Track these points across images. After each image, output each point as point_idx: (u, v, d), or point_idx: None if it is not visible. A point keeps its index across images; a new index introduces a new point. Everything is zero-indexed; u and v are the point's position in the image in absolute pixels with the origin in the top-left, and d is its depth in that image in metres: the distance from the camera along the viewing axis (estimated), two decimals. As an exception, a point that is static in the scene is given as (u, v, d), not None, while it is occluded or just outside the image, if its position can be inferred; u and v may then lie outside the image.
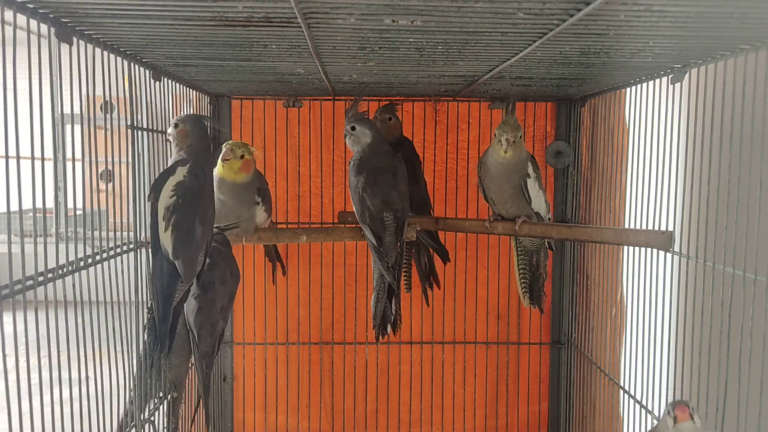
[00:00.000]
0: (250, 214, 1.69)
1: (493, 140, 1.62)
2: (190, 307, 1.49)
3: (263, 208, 1.72)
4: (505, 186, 1.63)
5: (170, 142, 1.53)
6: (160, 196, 1.31)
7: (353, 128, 1.67)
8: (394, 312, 1.71)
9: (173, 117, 1.55)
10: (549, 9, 0.88)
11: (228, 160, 1.59)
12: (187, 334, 1.51)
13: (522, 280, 1.80)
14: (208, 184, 1.43)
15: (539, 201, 1.67)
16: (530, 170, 1.63)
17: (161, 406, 1.49)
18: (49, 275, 1.04)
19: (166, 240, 1.29)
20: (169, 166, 1.37)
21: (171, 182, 1.32)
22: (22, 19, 0.92)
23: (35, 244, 1.00)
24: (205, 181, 1.39)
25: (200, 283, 1.45)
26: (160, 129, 1.54)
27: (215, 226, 1.56)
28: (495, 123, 2.05)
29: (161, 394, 1.49)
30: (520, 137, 1.58)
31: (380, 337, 1.73)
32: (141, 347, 1.41)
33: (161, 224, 1.30)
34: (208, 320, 1.48)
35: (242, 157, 1.61)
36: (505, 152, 1.57)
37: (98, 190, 1.35)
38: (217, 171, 1.61)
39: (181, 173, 1.34)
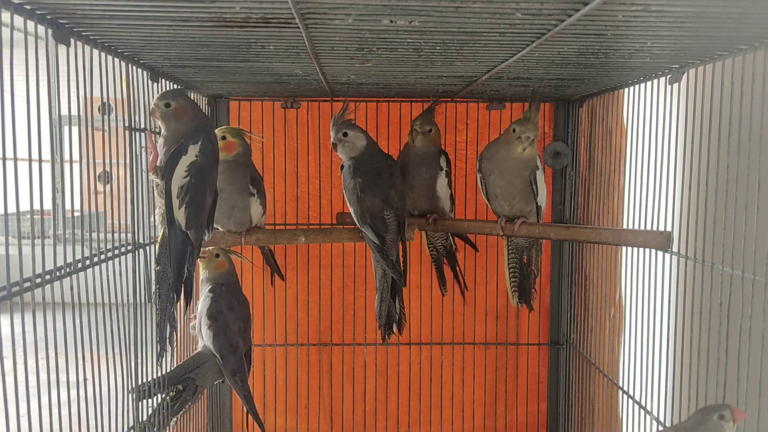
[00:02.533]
0: (244, 204, 1.68)
1: (507, 136, 1.61)
2: (207, 336, 1.64)
3: (258, 201, 1.70)
4: (516, 181, 1.64)
5: (164, 123, 1.39)
6: (173, 176, 1.33)
7: (345, 134, 1.65)
8: (398, 311, 1.71)
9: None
10: (547, 9, 0.88)
11: None
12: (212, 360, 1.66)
13: (512, 279, 1.79)
14: (215, 150, 1.44)
15: (543, 194, 1.69)
16: (538, 162, 1.65)
17: (160, 407, 1.49)
18: (47, 277, 1.04)
19: (180, 215, 1.34)
20: (180, 143, 1.34)
21: (184, 162, 1.34)
22: (19, 20, 0.92)
23: (33, 245, 0.99)
24: (213, 151, 1.41)
25: (209, 314, 1.62)
26: (157, 130, 1.54)
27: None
28: (493, 124, 2.05)
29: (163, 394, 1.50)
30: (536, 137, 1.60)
31: (386, 337, 1.72)
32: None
33: (175, 202, 1.33)
34: (227, 342, 1.62)
35: (224, 138, 1.65)
36: (524, 150, 1.58)
37: (96, 192, 1.35)
38: None
39: (193, 152, 1.35)
